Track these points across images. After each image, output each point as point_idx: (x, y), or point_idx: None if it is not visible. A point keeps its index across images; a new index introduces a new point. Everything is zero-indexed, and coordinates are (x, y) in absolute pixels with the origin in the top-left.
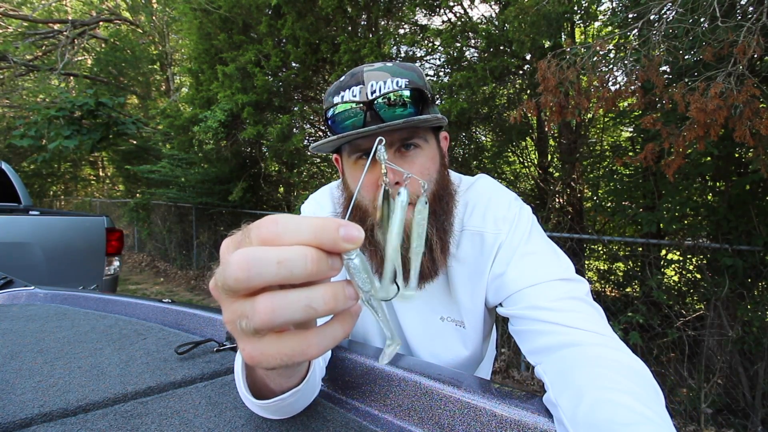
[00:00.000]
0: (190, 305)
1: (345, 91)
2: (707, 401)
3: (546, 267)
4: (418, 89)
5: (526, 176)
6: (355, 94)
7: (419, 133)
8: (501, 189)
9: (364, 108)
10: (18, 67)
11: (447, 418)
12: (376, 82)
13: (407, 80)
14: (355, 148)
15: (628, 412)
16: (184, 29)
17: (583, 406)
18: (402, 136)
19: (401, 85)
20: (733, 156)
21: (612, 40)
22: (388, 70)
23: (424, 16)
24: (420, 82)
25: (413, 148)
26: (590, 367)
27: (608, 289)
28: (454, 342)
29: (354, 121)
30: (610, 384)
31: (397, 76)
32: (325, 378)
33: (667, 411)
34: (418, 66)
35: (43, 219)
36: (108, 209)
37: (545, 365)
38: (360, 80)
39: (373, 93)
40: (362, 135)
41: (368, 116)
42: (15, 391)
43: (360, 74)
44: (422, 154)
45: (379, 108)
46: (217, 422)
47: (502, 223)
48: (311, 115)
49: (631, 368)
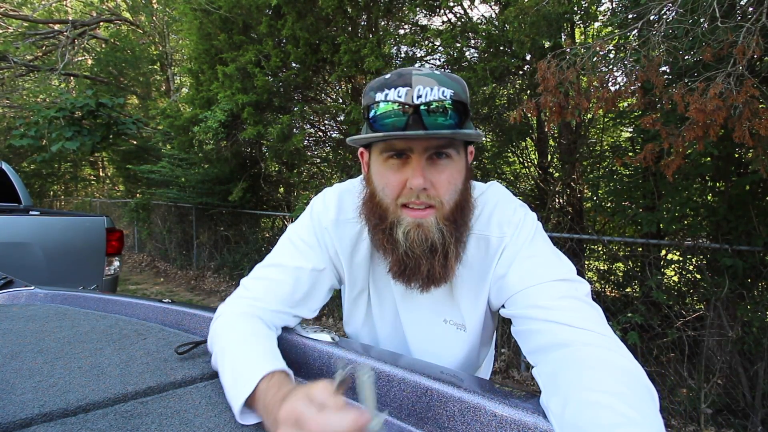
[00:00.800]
0: (190, 305)
1: (390, 89)
2: (707, 401)
3: (547, 268)
4: (461, 102)
5: (526, 176)
6: (401, 95)
7: (453, 145)
8: (509, 196)
9: (409, 111)
10: (18, 68)
11: (447, 418)
12: (423, 87)
13: (453, 92)
14: (389, 147)
15: (611, 414)
16: (184, 29)
17: (569, 409)
18: (438, 144)
19: (447, 96)
20: (733, 156)
21: (612, 40)
22: (436, 78)
23: (424, 16)
24: (464, 96)
25: (445, 158)
26: (579, 369)
27: (608, 290)
28: (455, 345)
29: (395, 122)
30: (597, 385)
31: (444, 86)
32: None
33: (661, 412)
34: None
35: (43, 219)
36: (108, 209)
37: (539, 367)
38: (408, 82)
39: (419, 98)
40: (404, 137)
41: (411, 120)
42: (15, 391)
43: (408, 76)
44: (452, 165)
45: (423, 114)
46: (217, 422)
47: (507, 227)
48: (311, 115)
49: (622, 369)
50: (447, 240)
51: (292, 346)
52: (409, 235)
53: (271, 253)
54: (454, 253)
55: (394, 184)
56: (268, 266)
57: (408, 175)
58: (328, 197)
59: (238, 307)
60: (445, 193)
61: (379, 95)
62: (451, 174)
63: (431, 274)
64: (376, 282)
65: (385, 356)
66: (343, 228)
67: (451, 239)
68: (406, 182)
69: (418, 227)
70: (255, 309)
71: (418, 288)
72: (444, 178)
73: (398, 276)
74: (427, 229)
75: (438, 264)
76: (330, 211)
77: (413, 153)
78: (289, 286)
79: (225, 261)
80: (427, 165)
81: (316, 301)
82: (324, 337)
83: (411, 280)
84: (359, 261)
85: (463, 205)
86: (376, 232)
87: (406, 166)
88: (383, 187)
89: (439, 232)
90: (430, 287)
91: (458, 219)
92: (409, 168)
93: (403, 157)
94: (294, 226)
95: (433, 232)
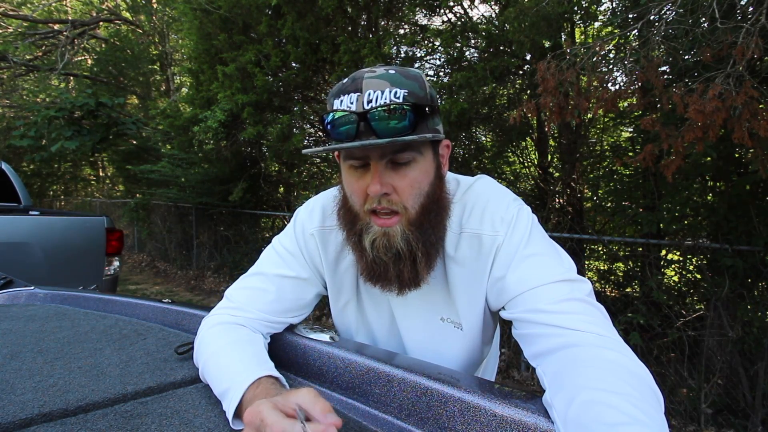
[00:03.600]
0: (190, 305)
1: (344, 96)
2: (707, 401)
3: (547, 268)
4: (415, 103)
5: (526, 176)
6: (352, 101)
7: (413, 147)
8: (500, 190)
9: (358, 119)
10: (18, 67)
11: (447, 418)
12: (373, 91)
13: (407, 91)
14: (348, 154)
15: (616, 413)
16: (184, 29)
17: (574, 407)
18: (394, 149)
19: (399, 96)
20: (733, 156)
21: (612, 40)
22: (388, 78)
23: (424, 16)
24: (420, 93)
25: (406, 161)
26: (585, 368)
27: (608, 290)
28: (453, 343)
29: (348, 129)
30: (602, 385)
31: (397, 86)
32: (325, 378)
33: (665, 414)
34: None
35: (43, 219)
36: (108, 209)
37: (544, 367)
38: (359, 87)
39: (369, 103)
40: (348, 148)
41: (361, 126)
42: (15, 391)
43: (360, 80)
44: (415, 168)
45: (372, 119)
46: (217, 422)
47: (500, 225)
48: (311, 115)
49: (627, 369)
50: (413, 246)
51: (292, 346)
52: (375, 243)
53: (256, 263)
54: (422, 258)
55: (358, 192)
56: (251, 276)
57: (369, 182)
58: (312, 206)
59: (221, 317)
60: (407, 197)
61: (336, 102)
62: (414, 178)
63: (401, 279)
64: (368, 285)
65: (384, 356)
66: (327, 236)
67: (418, 244)
68: (367, 189)
69: (383, 235)
70: (238, 318)
71: (394, 291)
72: (406, 183)
73: (370, 280)
74: (392, 237)
75: (406, 270)
76: (314, 219)
77: (371, 160)
78: (272, 294)
79: (225, 261)
80: (388, 170)
81: (301, 308)
82: (324, 337)
83: (383, 284)
84: (345, 267)
85: (431, 207)
86: (348, 237)
87: (367, 173)
88: (351, 194)
89: (405, 240)
90: (406, 290)
91: (425, 222)
92: (369, 175)
93: (365, 165)
94: (278, 236)
95: (398, 241)
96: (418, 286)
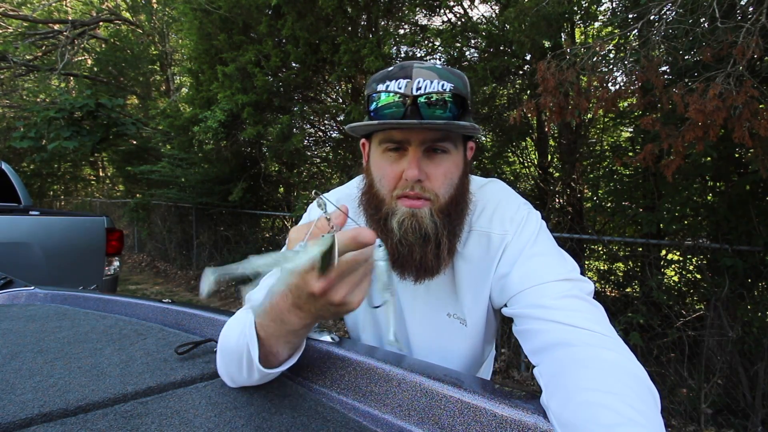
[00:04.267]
0: (190, 305)
1: (391, 81)
2: (707, 401)
3: (551, 267)
4: (460, 96)
5: (526, 176)
6: (401, 86)
7: (451, 138)
8: (512, 193)
9: (408, 102)
10: (18, 67)
11: (447, 418)
12: (423, 79)
13: (453, 85)
14: (387, 137)
15: (611, 414)
16: (184, 29)
17: (570, 408)
18: (435, 137)
19: (446, 89)
20: (733, 156)
21: (612, 40)
22: (436, 71)
23: (424, 16)
24: (464, 91)
25: (441, 152)
26: (580, 369)
27: (608, 289)
28: (457, 339)
29: (394, 113)
30: (598, 385)
31: (444, 80)
32: (325, 379)
33: (662, 413)
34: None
35: (43, 219)
36: (108, 209)
37: (541, 367)
38: (408, 74)
39: (419, 90)
40: (401, 127)
41: (409, 111)
42: (15, 391)
43: (410, 68)
44: (449, 159)
45: (421, 105)
46: (217, 422)
47: (509, 225)
48: (311, 115)
49: (623, 369)
50: (440, 231)
51: None
52: (403, 224)
53: None
54: (446, 244)
55: (390, 176)
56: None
57: (404, 167)
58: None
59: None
60: (440, 186)
61: (380, 86)
62: (448, 168)
63: (423, 263)
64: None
65: (384, 356)
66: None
67: (444, 231)
68: (402, 174)
69: (412, 216)
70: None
71: (411, 278)
72: (440, 171)
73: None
74: (420, 219)
75: (430, 253)
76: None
77: (410, 145)
78: None
79: (225, 261)
80: (424, 158)
81: None
82: (324, 337)
83: (404, 269)
84: None
85: (459, 199)
86: (371, 223)
87: (403, 158)
88: (381, 179)
89: (433, 222)
90: (423, 278)
91: (452, 212)
92: (405, 160)
93: (401, 150)
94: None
95: (427, 223)
96: (437, 272)
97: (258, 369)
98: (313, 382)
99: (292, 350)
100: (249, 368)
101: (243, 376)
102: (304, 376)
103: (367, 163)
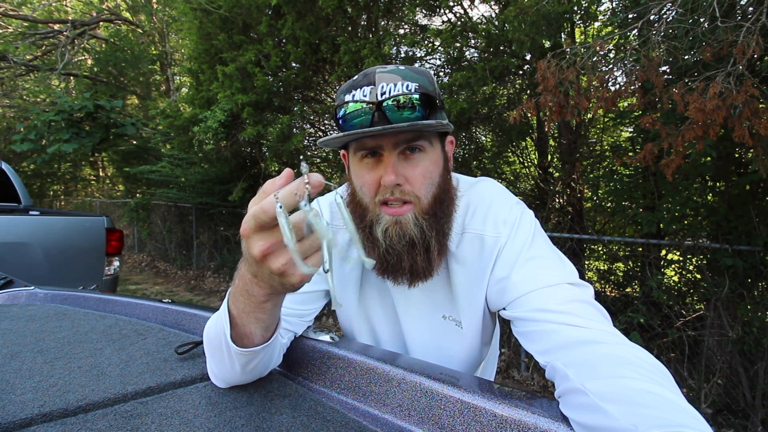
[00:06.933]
0: (190, 305)
1: (356, 90)
2: (707, 401)
3: (551, 270)
4: (426, 94)
5: (526, 176)
6: (365, 94)
7: (425, 137)
8: (504, 193)
9: (373, 108)
10: (18, 67)
11: (447, 418)
12: (386, 84)
13: (417, 84)
14: (360, 146)
15: (660, 400)
16: (184, 29)
17: (613, 386)
18: (407, 138)
19: (411, 89)
20: (733, 156)
21: (612, 40)
22: (399, 73)
23: (424, 16)
24: (430, 88)
25: (418, 152)
26: (618, 361)
27: (608, 289)
28: (453, 341)
29: (362, 121)
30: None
31: (408, 80)
32: (325, 378)
33: None
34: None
35: (43, 219)
36: (108, 209)
37: (566, 358)
38: (371, 81)
39: (383, 94)
40: (368, 134)
41: (376, 116)
42: (15, 391)
43: (372, 75)
44: (426, 158)
45: (387, 109)
46: (217, 422)
47: (503, 227)
48: (311, 115)
49: (656, 366)
50: (427, 234)
51: (292, 346)
52: (388, 232)
53: None
54: (435, 246)
55: (370, 183)
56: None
57: (382, 173)
58: (320, 204)
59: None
60: (420, 187)
61: (347, 96)
62: (426, 167)
63: (414, 269)
64: (371, 281)
65: (384, 356)
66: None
67: (431, 233)
68: (381, 180)
69: (395, 224)
70: None
71: (405, 283)
72: (418, 172)
73: (382, 273)
74: (405, 226)
75: (420, 258)
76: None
77: (384, 150)
78: None
79: (225, 261)
80: (400, 161)
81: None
82: (323, 337)
83: (396, 276)
84: (351, 265)
85: (443, 197)
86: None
87: (380, 164)
88: (361, 186)
89: (418, 227)
90: (417, 282)
91: (438, 211)
92: (383, 165)
93: (377, 155)
94: None
95: (411, 228)
96: (430, 275)
97: (232, 349)
98: (313, 381)
99: (264, 330)
100: (228, 353)
101: (226, 365)
102: (303, 376)
103: (348, 173)
